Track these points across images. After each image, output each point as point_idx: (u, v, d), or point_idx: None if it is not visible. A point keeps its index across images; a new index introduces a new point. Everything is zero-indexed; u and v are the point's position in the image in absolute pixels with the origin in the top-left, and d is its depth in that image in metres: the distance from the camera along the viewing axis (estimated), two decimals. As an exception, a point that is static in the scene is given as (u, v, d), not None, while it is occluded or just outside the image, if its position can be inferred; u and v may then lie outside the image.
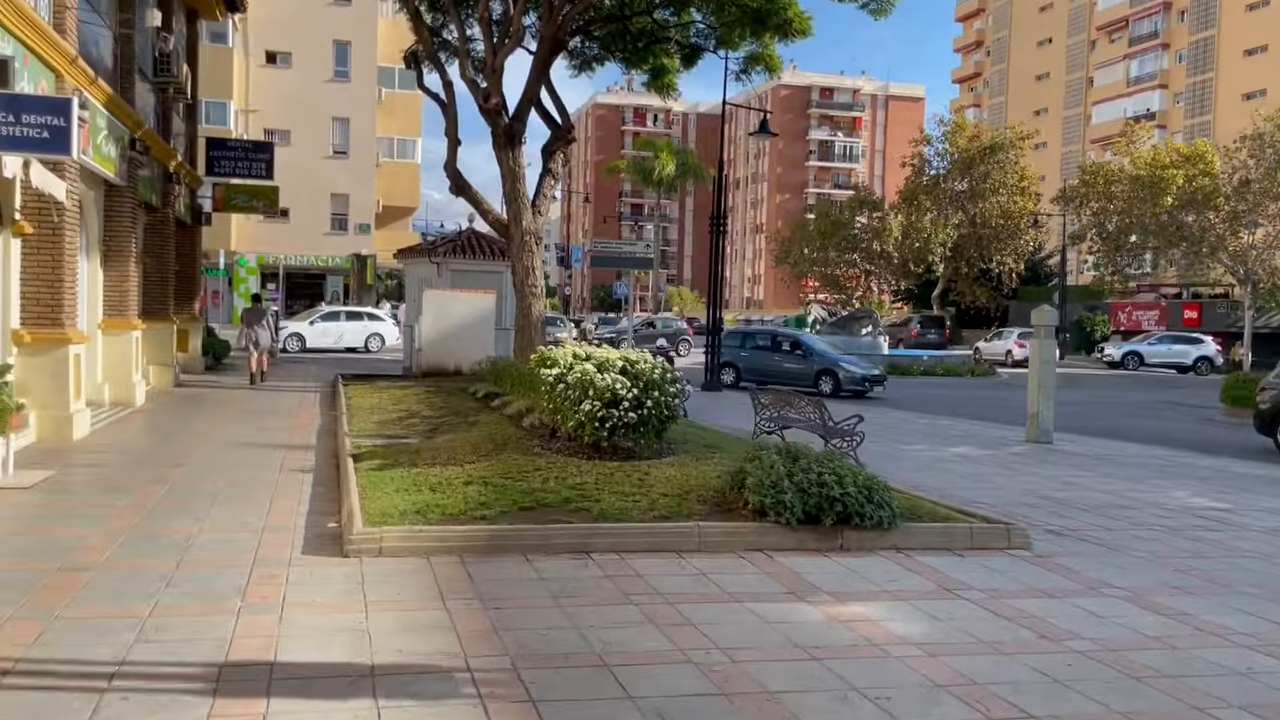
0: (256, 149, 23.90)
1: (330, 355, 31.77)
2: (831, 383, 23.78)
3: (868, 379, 24.32)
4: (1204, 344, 43.65)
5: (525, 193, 19.80)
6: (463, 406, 15.31)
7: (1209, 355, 42.95)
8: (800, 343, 25.82)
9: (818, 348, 25.66)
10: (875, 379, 24.58)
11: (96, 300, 15.30)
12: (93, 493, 8.94)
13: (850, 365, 24.61)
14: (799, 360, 24.85)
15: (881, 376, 24.99)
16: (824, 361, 24.52)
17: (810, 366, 24.44)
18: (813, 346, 25.64)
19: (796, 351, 25.23)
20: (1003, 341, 49.19)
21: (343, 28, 45.86)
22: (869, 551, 7.73)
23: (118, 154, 14.74)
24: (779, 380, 24.16)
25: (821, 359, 24.69)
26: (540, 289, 19.92)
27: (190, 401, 17.17)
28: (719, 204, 25.05)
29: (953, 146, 56.29)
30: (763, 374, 24.85)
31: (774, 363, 25.27)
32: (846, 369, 24.21)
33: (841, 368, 24.21)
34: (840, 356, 25.30)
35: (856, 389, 23.81)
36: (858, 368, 24.64)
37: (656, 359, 10.78)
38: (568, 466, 9.42)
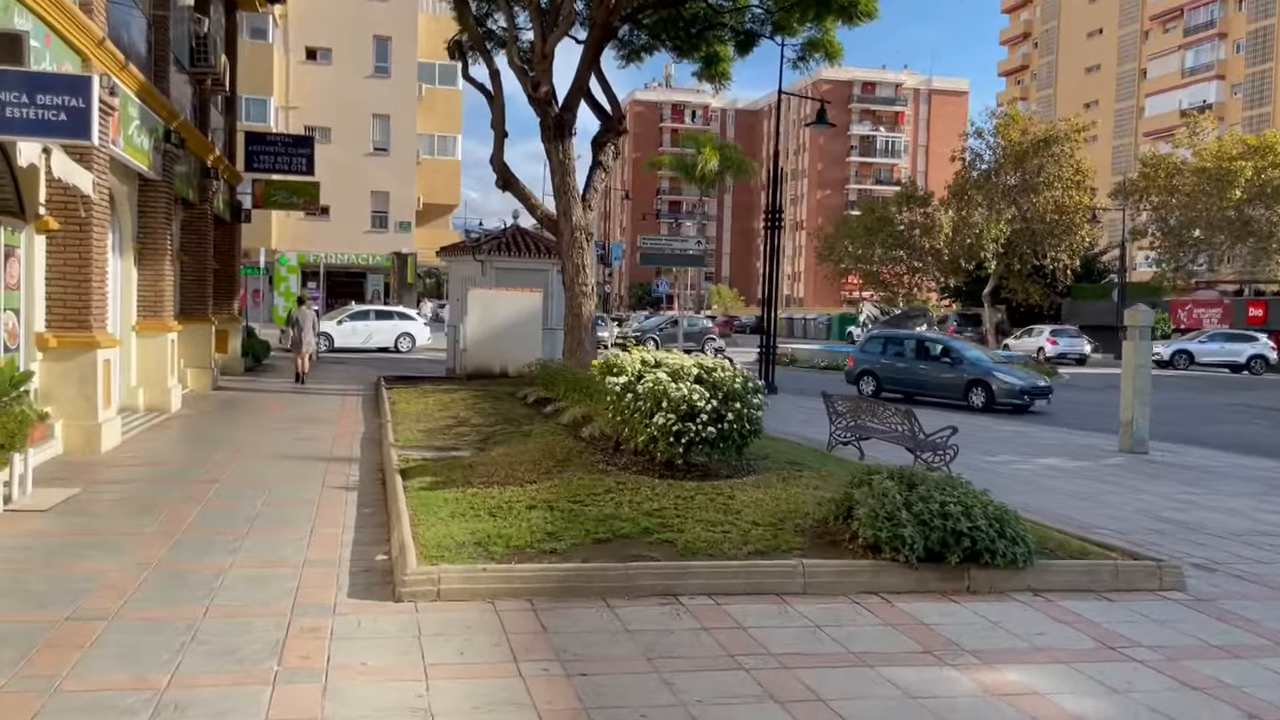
0: (297, 143, 23.15)
1: (361, 355, 31.02)
2: (984, 395, 21.03)
3: (1028, 391, 21.12)
4: (1258, 342, 41.85)
5: (575, 186, 18.86)
6: (514, 413, 14.36)
7: (1263, 354, 41.15)
8: (949, 349, 22.69)
9: (969, 355, 22.47)
10: (1038, 391, 21.31)
11: (130, 301, 14.52)
12: (117, 516, 8.06)
13: (1007, 375, 21.63)
14: (947, 369, 21.94)
15: (1046, 388, 21.68)
16: (976, 371, 21.50)
17: (960, 376, 21.58)
18: (963, 353, 22.48)
19: (944, 359, 22.28)
20: (1034, 339, 47.56)
21: (383, 23, 45.19)
22: (1001, 595, 6.65)
23: (151, 146, 13.94)
24: (924, 391, 22.07)
25: (974, 367, 21.63)
26: (591, 287, 18.95)
27: (228, 406, 16.37)
28: (774, 198, 23.93)
29: (1005, 140, 54.52)
30: (906, 384, 22.48)
31: (919, 372, 22.48)
32: (1003, 380, 21.24)
33: (996, 378, 21.24)
34: (995, 365, 22.33)
35: (1014, 403, 20.90)
36: (1015, 378, 21.58)
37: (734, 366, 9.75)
38: (640, 488, 8.41)
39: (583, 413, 13.12)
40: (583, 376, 14.67)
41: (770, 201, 23.98)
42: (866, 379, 23.33)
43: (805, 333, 71.02)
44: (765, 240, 24.11)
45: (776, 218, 23.83)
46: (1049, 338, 46.76)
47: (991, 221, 52.62)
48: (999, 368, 22.23)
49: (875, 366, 23.33)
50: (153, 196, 14.75)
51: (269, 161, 22.64)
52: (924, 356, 22.81)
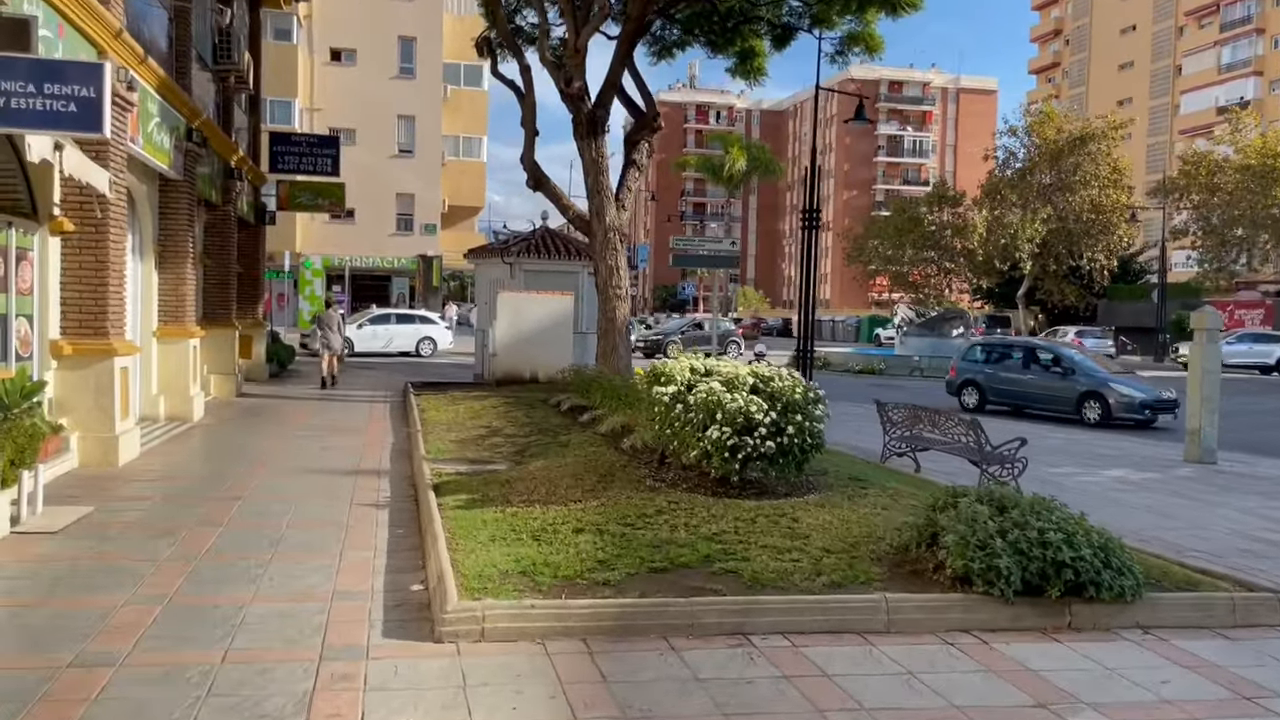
0: (322, 143, 22.66)
1: (383, 360, 30.51)
2: (1100, 409, 19.00)
3: (1150, 405, 19.01)
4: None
5: (608, 185, 18.24)
6: (548, 423, 13.73)
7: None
8: (1060, 357, 20.59)
9: (1083, 364, 20.17)
10: (1162, 405, 19.11)
11: (151, 305, 14.01)
12: (132, 539, 7.48)
13: (1126, 387, 19.43)
14: (1058, 379, 20.04)
15: (1171, 401, 19.12)
16: (1091, 381, 19.38)
17: (1072, 388, 19.61)
18: (1076, 362, 20.24)
19: (1055, 368, 20.31)
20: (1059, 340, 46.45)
21: (408, 23, 44.75)
22: (1108, 633, 5.95)
23: (172, 144, 13.42)
24: (1034, 404, 20.40)
25: (1088, 378, 19.50)
26: (625, 290, 18.31)
27: (252, 415, 15.84)
28: (812, 197, 23.23)
29: (1039, 138, 53.49)
30: (1012, 396, 20.86)
31: (1027, 382, 20.63)
32: (1121, 392, 19.12)
33: (1113, 390, 19.14)
34: (1112, 376, 20.08)
35: (1134, 418, 18.89)
36: (1136, 390, 19.38)
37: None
38: (695, 508, 7.74)
39: (622, 422, 12.48)
40: (620, 384, 14.06)
41: (808, 200, 23.27)
42: (969, 391, 21.66)
43: (834, 335, 70.07)
44: (800, 241, 23.41)
45: (813, 217, 23.11)
46: (1074, 339, 45.68)
47: (1026, 221, 51.61)
48: (1117, 378, 20.01)
49: (979, 377, 21.55)
50: (174, 197, 14.24)
51: (293, 162, 22.15)
52: (1032, 365, 20.91)
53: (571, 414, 14.48)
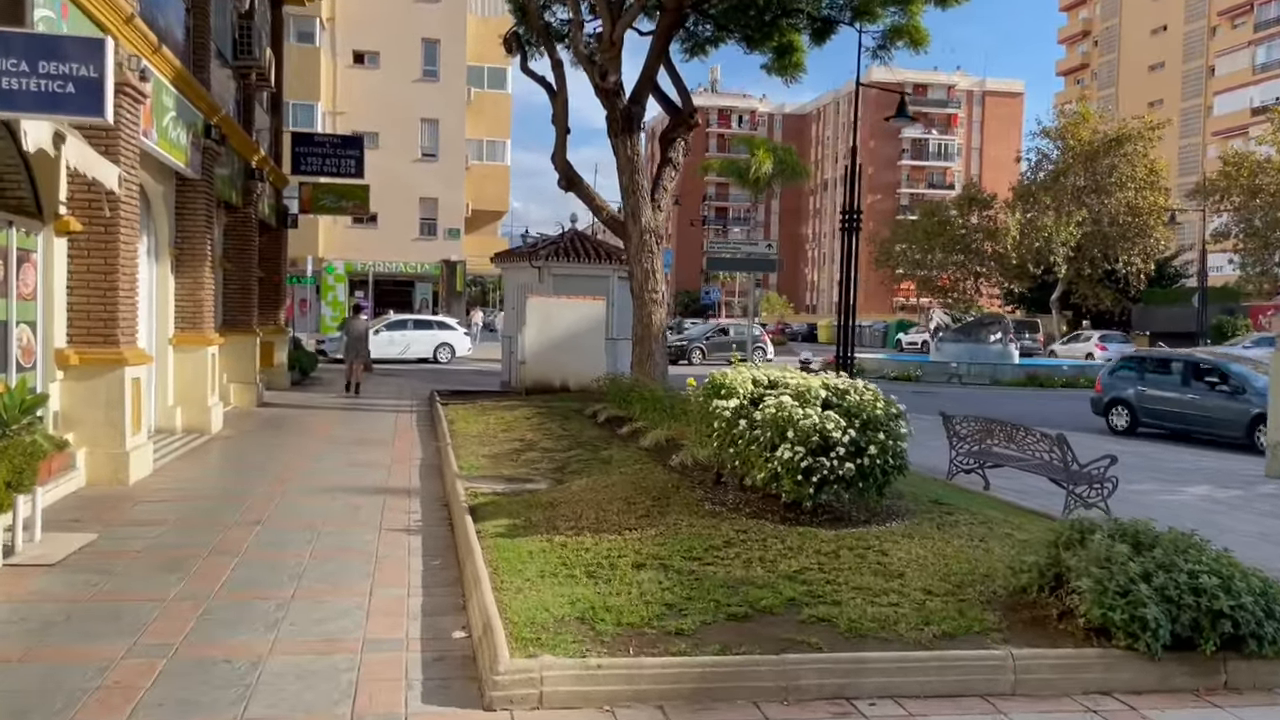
0: (345, 144, 21.95)
1: (402, 367, 29.79)
2: None
3: None
4: None
5: (644, 185, 17.42)
6: (585, 435, 12.90)
7: None
8: (1228, 374, 17.39)
9: (1254, 381, 16.69)
10: None
11: (166, 311, 13.28)
12: (138, 572, 6.69)
13: None
14: (1224, 399, 17.04)
15: None
16: (1265, 402, 15.20)
17: (1245, 410, 16.50)
18: (1246, 379, 16.98)
19: (1221, 386, 17.29)
20: (1082, 344, 45.23)
21: (431, 26, 44.13)
22: (1270, 693, 5.05)
23: (189, 142, 12.69)
24: (1195, 427, 17.54)
25: (1261, 398, 15.63)
26: (661, 294, 17.49)
27: (274, 426, 15.09)
28: (853, 197, 22.30)
29: (1074, 139, 52.29)
30: (1170, 418, 18.05)
31: (1188, 402, 17.67)
32: None
33: None
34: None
35: None
36: None
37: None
38: (766, 539, 6.88)
39: (666, 436, 11.65)
40: (661, 394, 13.22)
41: (847, 200, 22.36)
42: (1118, 411, 19.04)
43: (860, 340, 68.89)
44: (840, 244, 22.50)
45: (854, 219, 22.19)
46: (1098, 343, 44.47)
47: (1061, 224, 50.43)
48: None
49: (1130, 395, 18.86)
50: (191, 197, 13.51)
51: (316, 164, 21.46)
52: (1193, 383, 17.92)
53: (609, 426, 13.66)
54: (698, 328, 49.21)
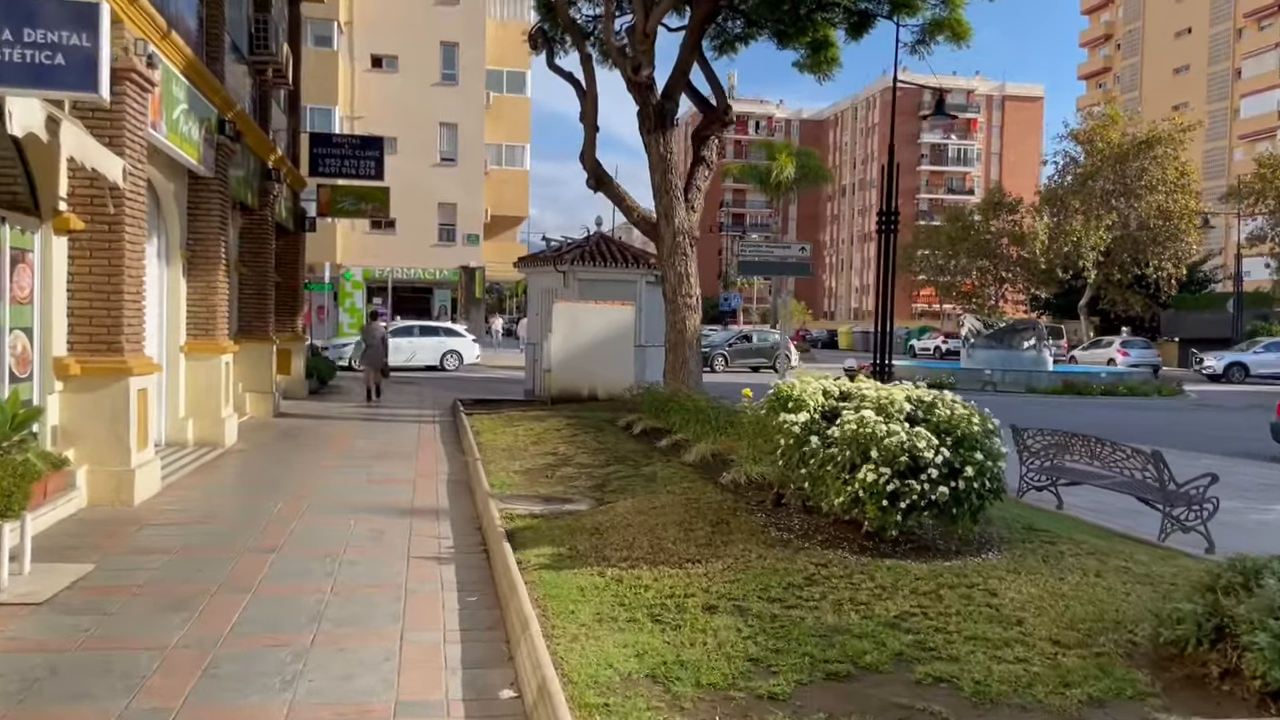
0: (365, 145, 21.23)
1: (409, 375, 29.01)
2: None
3: None
4: None
5: (677, 185, 16.62)
6: (622, 448, 12.07)
7: None
8: None
9: None
10: None
11: (178, 317, 12.53)
12: (136, 612, 5.90)
13: None
14: None
15: None
16: None
17: None
18: None
19: None
20: (1103, 350, 44.04)
21: (450, 29, 43.50)
22: None
23: (201, 137, 11.96)
24: None
25: None
26: (696, 299, 16.68)
27: (290, 438, 14.32)
28: (889, 197, 21.42)
29: (1103, 141, 51.22)
30: None
31: None
32: None
33: None
34: None
35: None
36: None
37: None
38: (853, 574, 6.02)
39: (712, 450, 10.82)
40: (704, 404, 12.37)
41: (885, 201, 21.49)
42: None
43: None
44: (879, 245, 21.63)
45: (892, 220, 21.32)
46: (1119, 349, 43.35)
47: (1090, 228, 49.38)
48: None
49: None
50: (204, 196, 12.76)
51: (335, 165, 20.75)
52: None
53: (647, 439, 12.83)
54: (719, 334, 48.24)
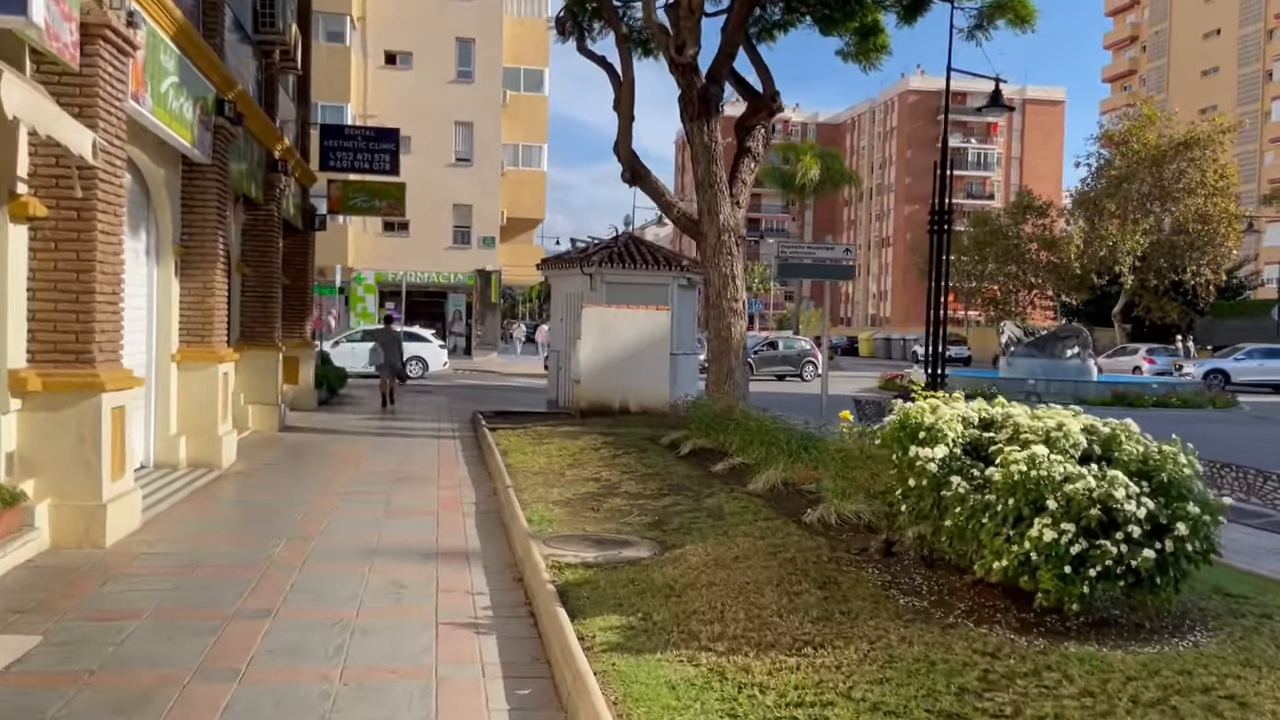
0: (379, 138, 19.82)
1: (428, 385, 27.60)
2: None
3: None
4: None
5: (722, 178, 15.16)
6: (673, 473, 10.57)
7: None
8: None
9: None
10: None
11: (169, 323, 11.09)
12: (83, 714, 4.42)
13: None
14: None
15: None
16: None
17: None
18: None
19: None
20: (1129, 358, 42.34)
21: (466, 25, 42.12)
22: None
23: (196, 117, 10.53)
24: None
25: None
26: (743, 304, 15.21)
27: (296, 457, 12.87)
28: (942, 194, 19.94)
29: (1140, 143, 49.52)
30: None
31: None
32: None
33: None
34: None
35: None
36: None
37: None
38: (1039, 670, 4.46)
39: (783, 478, 9.33)
40: (768, 423, 10.86)
41: (937, 198, 20.00)
42: None
43: (904, 354, 66.54)
44: (931, 246, 20.13)
45: (944, 217, 19.81)
46: (1145, 356, 41.68)
47: (1127, 232, 47.69)
48: None
49: None
50: (201, 186, 11.33)
51: (347, 159, 19.35)
52: None
53: (699, 462, 11.33)
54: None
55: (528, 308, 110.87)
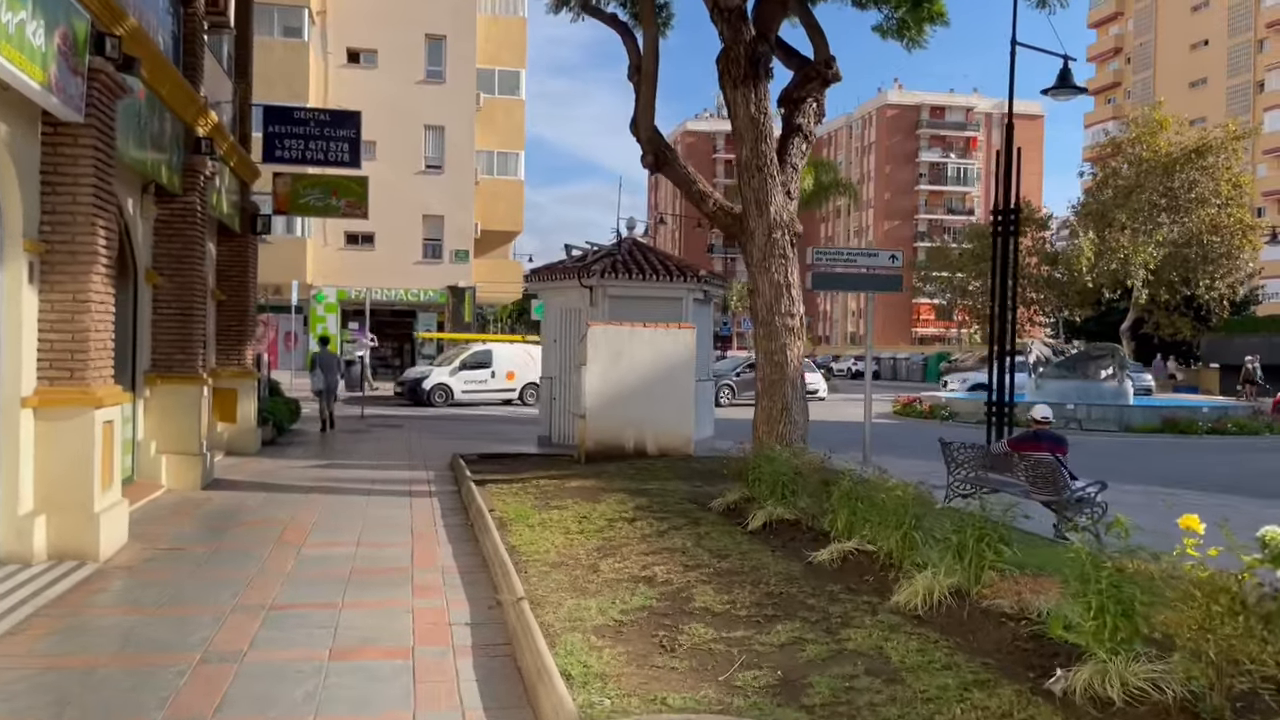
0: (335, 122, 16.41)
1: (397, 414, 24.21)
2: None
3: None
4: None
5: (774, 160, 11.91)
6: (760, 566, 7.24)
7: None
8: None
9: None
10: None
11: (18, 350, 7.63)
12: None
13: None
14: None
15: None
16: None
17: None
18: None
19: None
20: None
21: (436, 21, 38.85)
22: None
23: (55, 50, 7.13)
24: None
25: None
26: (799, 319, 11.93)
27: (215, 533, 9.40)
28: (1009, 192, 16.83)
29: (1149, 151, 46.97)
30: None
31: None
32: None
33: None
34: None
35: None
36: None
37: None
38: None
39: (952, 584, 6.03)
40: (900, 493, 7.46)
41: (1002, 195, 16.88)
42: None
43: (902, 374, 63.76)
44: (993, 249, 17.02)
45: (1011, 217, 16.70)
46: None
47: (1140, 245, 45.02)
48: None
49: None
50: (69, 156, 7.89)
51: (297, 149, 15.95)
52: None
53: (781, 541, 8.02)
54: (724, 363, 42.92)
55: (498, 327, 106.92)
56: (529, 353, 29.55)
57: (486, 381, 28.53)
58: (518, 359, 29.53)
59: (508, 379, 29.30)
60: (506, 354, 29.82)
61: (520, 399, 28.95)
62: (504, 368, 29.35)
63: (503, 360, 29.49)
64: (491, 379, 28.94)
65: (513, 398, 29.08)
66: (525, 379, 28.88)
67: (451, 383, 28.70)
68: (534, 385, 28.76)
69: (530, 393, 28.70)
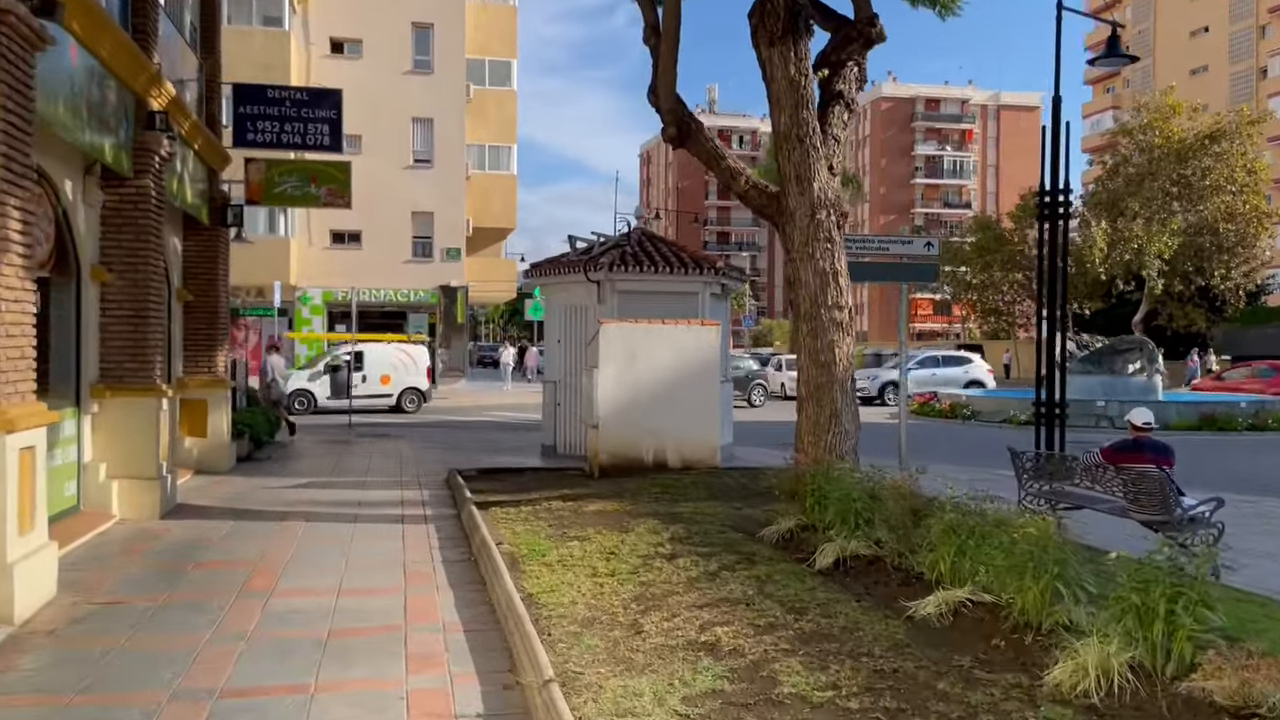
0: (314, 101, 14.75)
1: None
2: None
3: None
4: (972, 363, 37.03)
5: (817, 130, 10.35)
6: (852, 626, 5.71)
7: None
8: None
9: None
10: None
11: (-98, 362, 6.05)
12: None
13: None
14: None
15: None
16: None
17: None
18: None
19: None
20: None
21: (422, 8, 37.16)
22: None
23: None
24: None
25: None
26: (849, 313, 10.39)
27: (167, 580, 7.79)
28: (1055, 167, 15.27)
29: (1162, 137, 45.53)
30: None
31: None
32: None
33: None
34: None
35: None
36: None
37: None
38: None
39: (1126, 659, 4.46)
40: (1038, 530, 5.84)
41: (1050, 175, 15.32)
42: None
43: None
44: (1039, 233, 15.46)
45: (1061, 198, 15.16)
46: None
47: (1155, 234, 43.56)
48: None
49: None
50: (-35, 115, 6.31)
51: (271, 131, 14.30)
52: None
53: (864, 587, 6.46)
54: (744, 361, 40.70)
55: (488, 329, 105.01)
56: (407, 353, 27.40)
57: (356, 386, 24.98)
58: (394, 361, 26.96)
59: (382, 383, 26.63)
60: (380, 356, 26.95)
61: (399, 405, 26.55)
62: (377, 371, 26.60)
63: (375, 363, 26.66)
64: (363, 383, 25.86)
65: (389, 404, 26.50)
66: (404, 383, 26.68)
67: (314, 388, 26.08)
68: (415, 390, 26.96)
69: (410, 398, 26.73)
